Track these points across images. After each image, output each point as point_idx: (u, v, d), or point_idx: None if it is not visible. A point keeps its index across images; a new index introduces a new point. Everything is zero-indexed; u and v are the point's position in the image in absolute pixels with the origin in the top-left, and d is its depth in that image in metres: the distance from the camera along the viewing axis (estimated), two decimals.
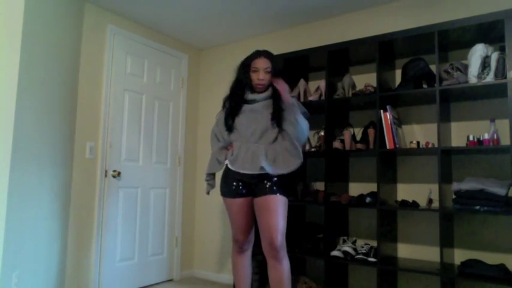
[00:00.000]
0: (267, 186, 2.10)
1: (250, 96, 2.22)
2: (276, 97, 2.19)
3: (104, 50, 3.19)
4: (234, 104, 2.24)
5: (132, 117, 3.38)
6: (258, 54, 2.23)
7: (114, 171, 3.19)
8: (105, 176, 3.14)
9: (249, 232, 2.26)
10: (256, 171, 2.11)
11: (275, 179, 2.12)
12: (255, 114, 2.18)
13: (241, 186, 2.17)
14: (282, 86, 2.13)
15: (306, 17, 3.27)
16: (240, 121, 2.20)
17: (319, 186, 3.01)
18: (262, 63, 2.18)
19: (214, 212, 3.80)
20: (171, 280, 3.65)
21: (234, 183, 2.18)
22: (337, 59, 2.90)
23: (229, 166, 2.19)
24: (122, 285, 3.20)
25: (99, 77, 3.15)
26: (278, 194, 2.10)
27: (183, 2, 3.06)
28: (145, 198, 3.46)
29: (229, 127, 2.23)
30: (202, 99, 4.08)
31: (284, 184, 2.15)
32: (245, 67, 2.22)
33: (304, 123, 2.17)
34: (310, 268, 3.06)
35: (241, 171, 2.14)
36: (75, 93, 2.98)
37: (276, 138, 2.16)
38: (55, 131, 2.76)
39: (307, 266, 3.08)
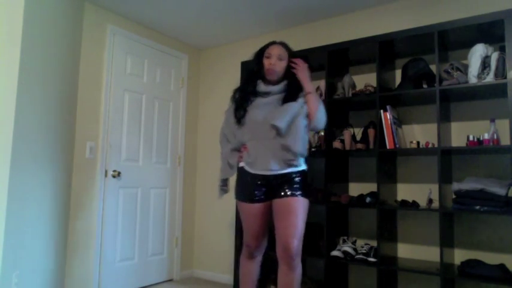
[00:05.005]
0: (290, 187, 1.98)
1: (263, 87, 2.08)
2: (290, 90, 2.06)
3: (104, 50, 3.19)
4: (245, 94, 2.09)
5: (132, 117, 3.38)
6: (273, 42, 2.16)
7: (114, 171, 3.19)
8: (105, 176, 3.14)
9: (262, 239, 2.12)
10: (280, 170, 1.97)
11: (297, 179, 2.00)
12: (270, 109, 2.02)
13: (261, 191, 2.02)
14: (302, 73, 2.05)
15: (306, 17, 3.28)
16: (254, 116, 2.04)
17: (319, 186, 3.00)
18: (275, 50, 2.09)
19: (215, 212, 3.80)
20: (171, 280, 3.65)
21: (254, 188, 2.02)
22: (337, 59, 2.90)
23: (248, 169, 2.03)
24: (122, 285, 3.20)
25: (99, 77, 3.15)
26: (300, 197, 1.98)
27: (183, 2, 3.06)
28: (145, 198, 3.46)
29: (240, 119, 2.07)
30: (202, 99, 4.08)
31: (307, 184, 2.04)
32: (259, 55, 2.14)
33: (323, 111, 2.07)
34: (310, 268, 3.05)
35: (264, 173, 1.99)
36: (75, 93, 2.98)
37: None
38: (55, 131, 2.76)
39: (307, 266, 3.08)
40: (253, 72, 2.14)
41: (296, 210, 1.95)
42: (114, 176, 3.18)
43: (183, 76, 3.91)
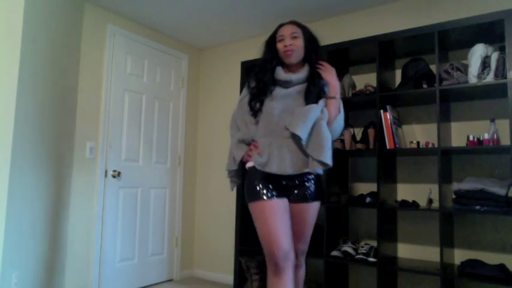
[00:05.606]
0: (303, 190, 1.85)
1: (283, 75, 1.86)
2: (312, 80, 1.88)
3: (104, 50, 3.19)
4: (263, 84, 1.88)
5: (132, 117, 3.38)
6: (281, 24, 1.93)
7: (114, 171, 3.19)
8: (105, 176, 3.13)
9: (287, 241, 1.76)
10: (297, 171, 1.79)
11: (312, 181, 1.87)
12: (290, 102, 1.84)
13: (273, 189, 1.81)
14: (328, 74, 1.88)
15: (306, 17, 3.27)
16: (270, 109, 1.85)
17: None
18: (286, 30, 1.88)
19: (215, 212, 3.80)
20: (171, 280, 3.65)
21: (268, 185, 1.81)
22: (337, 59, 2.90)
23: (259, 168, 1.81)
24: (122, 285, 3.20)
25: (99, 77, 3.15)
26: (315, 201, 1.88)
27: (183, 2, 3.06)
28: (145, 198, 3.46)
29: (256, 112, 1.88)
30: (202, 99, 4.08)
31: (321, 187, 1.93)
32: (270, 43, 1.94)
33: (341, 122, 1.94)
34: (310, 268, 3.05)
35: (280, 173, 1.79)
36: (75, 93, 2.98)
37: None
38: (55, 131, 2.76)
39: (307, 266, 3.07)
40: (267, 60, 1.93)
41: (308, 218, 1.89)
42: (114, 176, 3.18)
43: (183, 76, 3.91)
